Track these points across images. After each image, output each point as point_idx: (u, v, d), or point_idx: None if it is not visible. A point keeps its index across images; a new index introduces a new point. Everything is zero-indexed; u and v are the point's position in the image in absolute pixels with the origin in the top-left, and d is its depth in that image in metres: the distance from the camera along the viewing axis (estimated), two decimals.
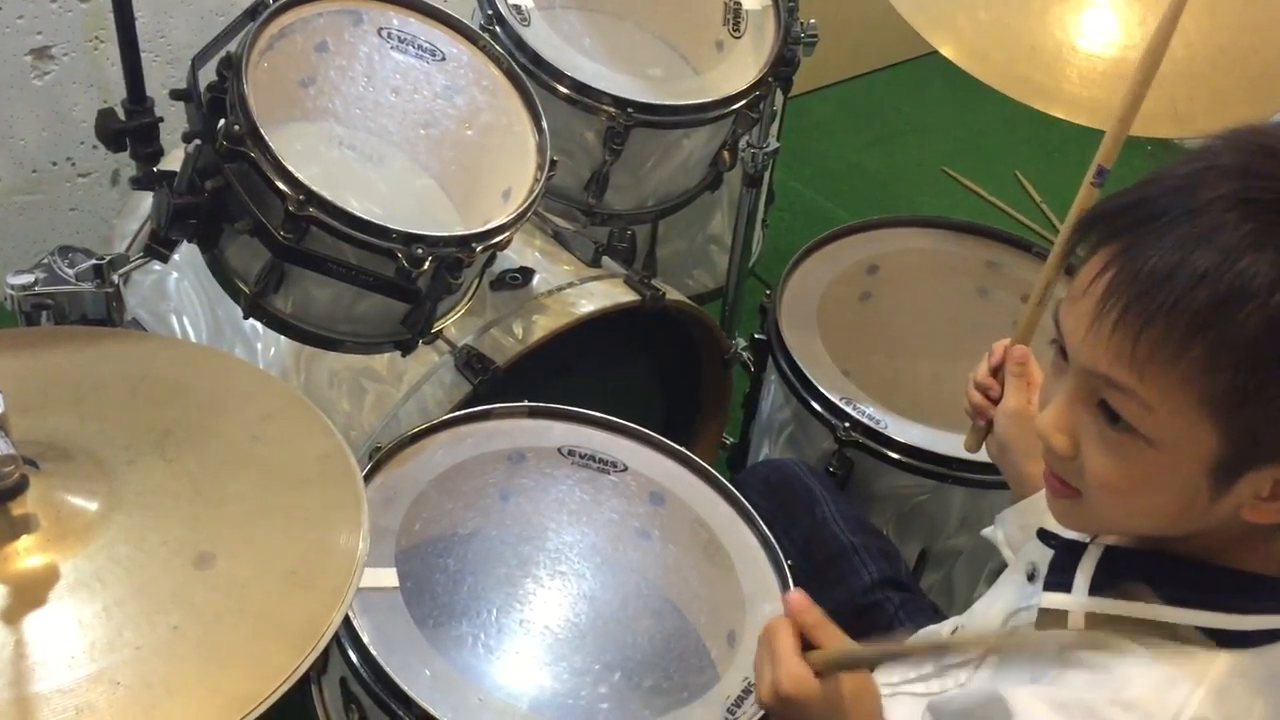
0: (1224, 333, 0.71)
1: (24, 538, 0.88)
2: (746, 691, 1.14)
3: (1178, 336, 0.71)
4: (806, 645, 0.88)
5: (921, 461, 1.49)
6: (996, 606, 1.00)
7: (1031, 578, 0.96)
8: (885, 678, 1.09)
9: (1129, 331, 0.73)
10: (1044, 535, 0.93)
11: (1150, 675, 0.76)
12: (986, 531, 1.15)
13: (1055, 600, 0.82)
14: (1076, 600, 0.81)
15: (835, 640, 0.88)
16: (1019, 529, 1.08)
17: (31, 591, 0.86)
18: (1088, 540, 0.88)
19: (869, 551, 1.35)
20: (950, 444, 1.48)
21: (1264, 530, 0.78)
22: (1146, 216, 0.75)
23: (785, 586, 1.24)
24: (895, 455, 1.50)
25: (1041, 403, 0.85)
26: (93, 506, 0.92)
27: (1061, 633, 0.82)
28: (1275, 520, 0.75)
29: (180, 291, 1.65)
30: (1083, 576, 0.82)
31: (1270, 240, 0.70)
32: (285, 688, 0.82)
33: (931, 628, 1.15)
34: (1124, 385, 0.75)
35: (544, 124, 1.37)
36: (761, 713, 1.08)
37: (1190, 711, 0.75)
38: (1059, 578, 0.83)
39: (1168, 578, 0.80)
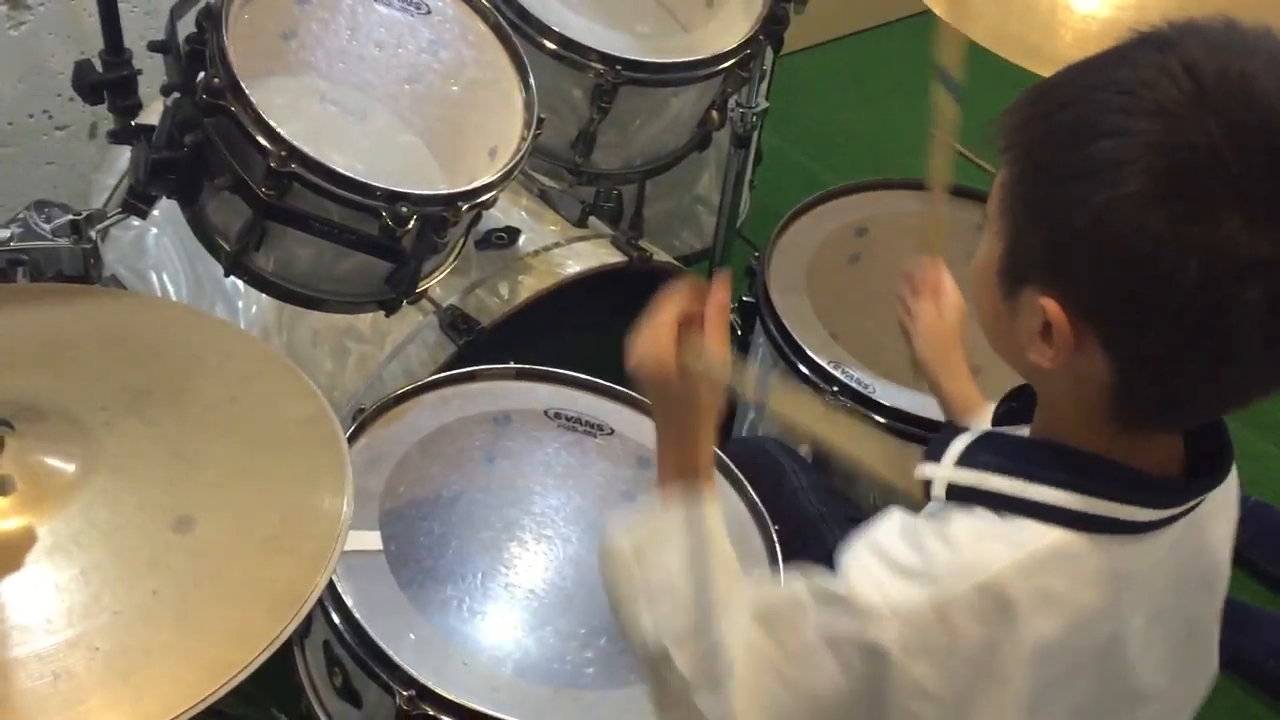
0: (1024, 123, 0.77)
1: None
2: None
3: (1010, 122, 0.78)
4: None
5: (908, 426, 1.48)
6: None
7: None
8: None
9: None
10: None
11: (976, 526, 0.78)
12: None
13: (925, 470, 0.84)
14: (943, 470, 0.82)
15: (722, 342, 0.88)
16: None
17: (7, 554, 0.85)
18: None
19: (836, 519, 1.36)
20: (938, 409, 1.47)
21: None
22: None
23: (772, 553, 1.24)
24: (882, 420, 1.49)
25: None
26: (70, 468, 0.91)
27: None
28: (1046, 364, 0.75)
29: (160, 247, 1.63)
30: (954, 449, 0.83)
31: (1104, 68, 0.73)
32: (266, 655, 0.82)
33: None
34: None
35: (531, 81, 1.35)
36: None
37: (995, 568, 0.76)
38: (935, 450, 0.85)
39: (1029, 457, 0.81)
